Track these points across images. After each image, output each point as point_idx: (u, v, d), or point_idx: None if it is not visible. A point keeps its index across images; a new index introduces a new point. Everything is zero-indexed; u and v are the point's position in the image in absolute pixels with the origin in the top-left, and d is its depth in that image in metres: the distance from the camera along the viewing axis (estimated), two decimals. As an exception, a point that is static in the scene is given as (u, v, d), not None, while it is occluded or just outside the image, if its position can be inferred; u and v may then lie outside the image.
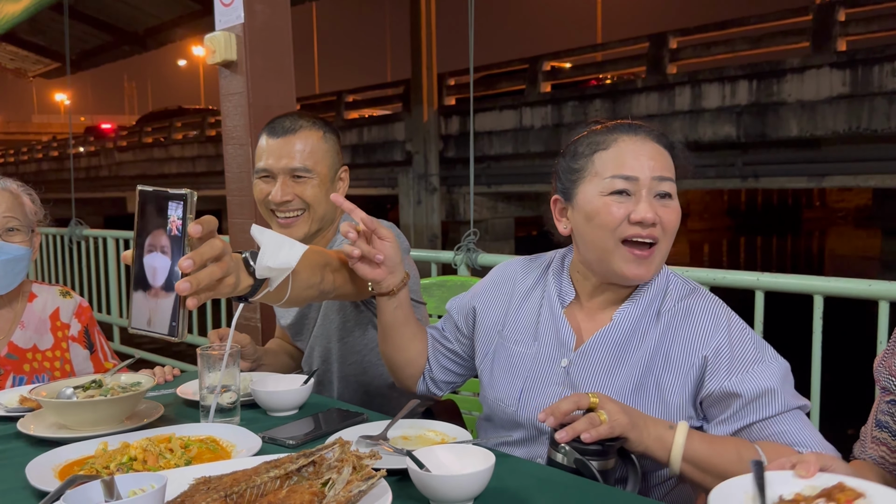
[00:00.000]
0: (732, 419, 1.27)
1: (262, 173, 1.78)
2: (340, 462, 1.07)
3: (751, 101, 10.59)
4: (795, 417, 1.26)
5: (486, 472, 1.07)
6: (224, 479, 1.07)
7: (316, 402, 1.64)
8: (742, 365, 1.27)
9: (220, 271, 1.07)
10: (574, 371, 1.36)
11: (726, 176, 11.31)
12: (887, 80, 9.24)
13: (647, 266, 1.31)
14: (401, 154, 15.58)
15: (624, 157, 1.32)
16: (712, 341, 1.29)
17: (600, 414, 1.17)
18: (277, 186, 1.75)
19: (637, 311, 1.36)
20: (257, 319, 2.58)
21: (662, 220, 1.30)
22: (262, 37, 2.58)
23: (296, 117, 1.81)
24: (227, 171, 2.66)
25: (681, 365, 1.30)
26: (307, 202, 1.77)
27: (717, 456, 1.21)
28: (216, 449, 1.32)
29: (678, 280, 1.41)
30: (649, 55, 12.07)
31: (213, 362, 1.47)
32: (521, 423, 1.40)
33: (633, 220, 1.29)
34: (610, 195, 1.31)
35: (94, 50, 9.19)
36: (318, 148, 1.78)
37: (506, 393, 1.42)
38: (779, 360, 1.29)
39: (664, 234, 1.31)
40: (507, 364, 1.44)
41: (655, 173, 1.31)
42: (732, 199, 28.54)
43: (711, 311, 1.33)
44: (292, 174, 1.76)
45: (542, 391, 1.38)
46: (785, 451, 1.21)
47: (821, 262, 19.72)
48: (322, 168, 1.79)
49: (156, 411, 1.52)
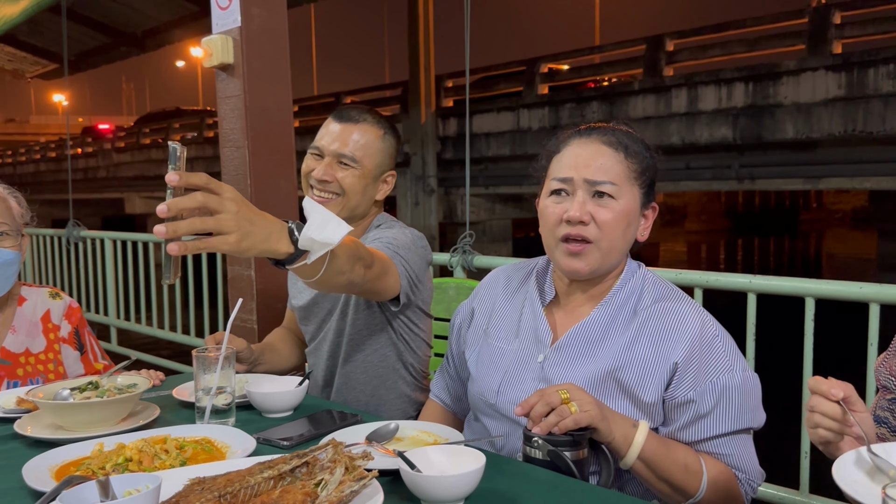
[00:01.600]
0: (687, 429, 1.34)
1: (314, 150, 1.87)
2: (333, 463, 1.08)
3: (747, 104, 10.60)
4: (742, 442, 1.36)
5: (477, 473, 1.09)
6: (218, 480, 1.08)
7: (310, 403, 1.65)
8: (708, 376, 1.32)
9: (202, 224, 1.08)
10: (548, 366, 1.41)
11: (723, 178, 11.32)
12: (882, 82, 9.26)
13: (581, 260, 1.37)
14: (399, 155, 15.49)
15: (566, 161, 1.40)
16: (685, 349, 1.33)
17: (570, 406, 1.22)
18: (322, 165, 1.83)
19: (612, 309, 1.41)
20: (254, 321, 2.59)
21: (597, 219, 1.36)
22: (259, 40, 2.59)
23: (364, 111, 1.89)
24: (224, 173, 2.67)
25: (654, 366, 1.34)
26: (343, 188, 1.83)
27: (668, 460, 1.29)
28: (211, 450, 1.33)
29: (655, 279, 1.45)
30: (646, 57, 12.09)
31: (209, 364, 1.48)
32: (500, 416, 1.45)
33: (564, 219, 1.37)
34: (550, 196, 1.41)
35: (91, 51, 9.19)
36: (372, 144, 1.86)
37: (486, 386, 1.47)
38: (747, 371, 1.35)
39: (601, 232, 1.36)
40: (489, 360, 1.50)
41: (588, 176, 1.36)
42: (730, 200, 28.56)
43: (687, 317, 1.36)
44: (339, 158, 1.83)
45: (519, 385, 1.43)
46: (725, 470, 1.34)
47: (818, 264, 19.75)
48: (369, 163, 1.86)
49: (152, 412, 1.54)
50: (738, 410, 1.33)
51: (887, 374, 1.30)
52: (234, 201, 1.11)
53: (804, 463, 2.37)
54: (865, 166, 9.72)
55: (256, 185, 2.59)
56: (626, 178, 1.38)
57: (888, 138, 9.31)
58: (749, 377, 1.35)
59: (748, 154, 10.82)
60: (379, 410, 1.90)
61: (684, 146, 11.23)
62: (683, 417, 1.34)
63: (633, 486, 1.39)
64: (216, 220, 1.10)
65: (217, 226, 1.10)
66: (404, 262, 1.71)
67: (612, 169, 1.37)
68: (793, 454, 2.42)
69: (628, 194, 1.37)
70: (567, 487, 1.16)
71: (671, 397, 1.34)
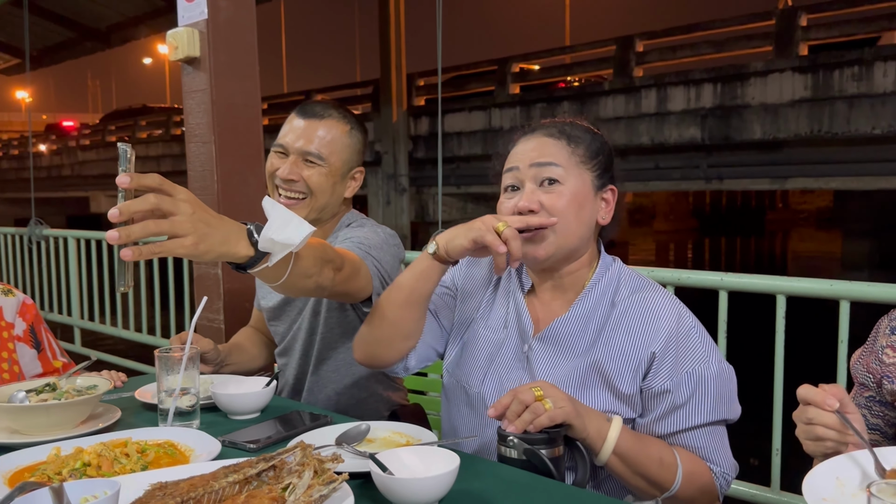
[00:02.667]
0: (663, 420, 1.34)
1: (278, 148, 1.80)
2: (301, 466, 1.05)
3: (715, 104, 10.73)
4: (717, 434, 1.36)
5: (451, 475, 1.06)
6: (181, 485, 1.05)
7: (278, 404, 1.61)
8: (684, 367, 1.33)
9: (156, 228, 1.05)
10: (532, 356, 1.41)
11: (691, 178, 11.46)
12: (847, 84, 9.43)
13: (536, 245, 1.37)
14: (370, 154, 15.51)
15: (512, 157, 1.44)
16: (662, 339, 1.33)
17: (545, 403, 1.21)
18: (288, 164, 1.77)
19: (590, 304, 1.41)
20: (220, 321, 2.53)
21: (546, 205, 1.37)
22: (226, 33, 2.54)
23: (329, 106, 1.83)
24: (190, 169, 2.61)
25: (632, 357, 1.35)
26: (310, 188, 1.77)
27: (643, 454, 1.29)
28: (174, 453, 1.29)
29: (630, 273, 1.46)
30: (616, 58, 12.18)
31: (172, 364, 1.44)
32: (476, 407, 1.44)
33: (516, 211, 1.38)
34: (504, 193, 1.44)
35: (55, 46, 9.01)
36: (338, 140, 1.80)
37: (471, 374, 1.47)
38: (723, 363, 1.36)
39: (553, 218, 1.37)
40: (476, 348, 1.49)
41: (534, 160, 1.39)
42: (697, 200, 28.91)
43: (664, 308, 1.37)
44: (305, 156, 1.77)
45: (505, 375, 1.43)
46: (700, 463, 1.34)
47: (783, 263, 20.07)
48: (336, 160, 1.80)
49: (112, 415, 1.49)
50: (714, 402, 1.34)
51: (864, 370, 1.30)
52: (188, 203, 1.07)
53: (775, 460, 2.38)
54: (830, 167, 9.89)
55: (224, 182, 2.54)
56: (573, 163, 1.40)
57: (853, 139, 9.48)
58: (725, 369, 1.36)
59: (716, 154, 10.95)
60: (352, 410, 1.86)
61: (653, 146, 11.33)
62: (659, 408, 1.34)
63: (609, 483, 1.38)
64: (171, 222, 1.06)
65: (172, 228, 1.06)
66: (376, 262, 1.67)
67: (556, 154, 1.40)
68: (763, 451, 2.43)
69: (576, 178, 1.39)
70: (543, 488, 1.14)
71: (648, 387, 1.34)
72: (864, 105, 9.29)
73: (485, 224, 1.31)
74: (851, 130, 9.43)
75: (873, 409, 1.30)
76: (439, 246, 1.39)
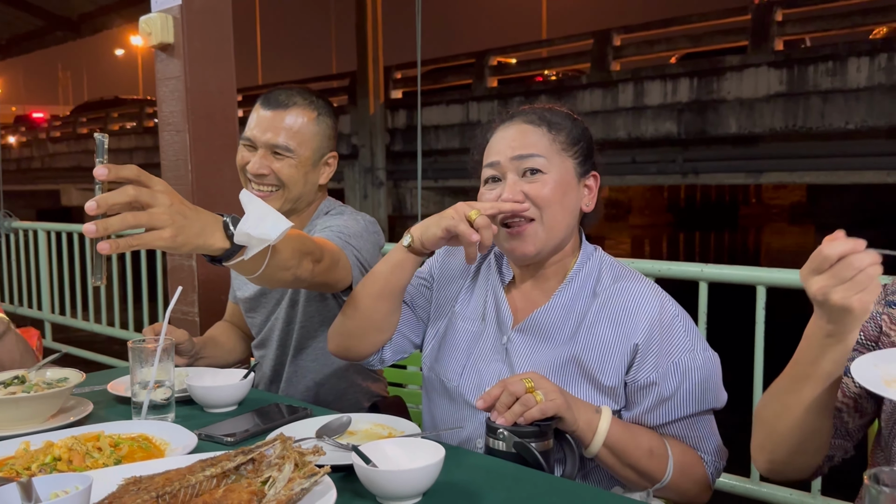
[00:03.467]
0: (651, 413, 1.32)
1: (246, 141, 1.75)
2: (281, 459, 1.02)
3: (691, 99, 10.80)
4: (705, 423, 1.35)
5: (436, 467, 1.03)
6: (156, 479, 1.01)
7: (255, 397, 1.57)
8: (669, 358, 1.31)
9: (135, 220, 1.03)
10: (512, 348, 1.39)
11: (667, 172, 11.53)
12: (822, 79, 9.53)
13: (524, 240, 1.35)
14: (346, 147, 15.43)
15: (493, 147, 1.40)
16: (645, 329, 1.31)
17: (536, 395, 1.18)
18: (257, 158, 1.72)
19: (572, 292, 1.39)
20: (195, 313, 2.48)
21: (531, 196, 1.33)
22: (201, 19, 2.49)
23: (293, 93, 1.76)
24: (163, 158, 2.55)
25: (614, 349, 1.32)
26: (282, 180, 1.73)
27: (633, 445, 1.27)
28: (148, 447, 1.25)
29: (612, 262, 1.44)
30: (594, 52, 12.22)
31: (146, 356, 1.39)
32: (457, 400, 1.41)
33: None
34: (485, 185, 1.40)
35: (24, 35, 8.83)
36: (306, 129, 1.74)
37: (449, 367, 1.44)
38: (707, 351, 1.34)
39: (538, 209, 1.34)
40: (454, 341, 1.46)
41: (515, 152, 1.35)
42: (672, 195, 29.12)
43: (646, 298, 1.34)
44: (273, 150, 1.72)
45: (484, 368, 1.40)
46: (690, 452, 1.33)
47: (757, 257, 20.30)
48: (305, 150, 1.74)
49: (84, 408, 1.44)
50: (701, 392, 1.32)
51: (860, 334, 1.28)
52: (166, 194, 1.05)
53: (755, 451, 2.38)
54: (805, 161, 10.01)
55: (198, 171, 2.49)
56: (555, 151, 1.37)
57: (826, 134, 9.60)
58: (710, 357, 1.34)
59: (692, 149, 11.03)
60: (333, 402, 1.83)
61: (630, 140, 11.39)
62: (646, 401, 1.32)
63: (597, 473, 1.36)
64: (149, 214, 1.03)
65: (150, 220, 1.04)
66: (356, 251, 1.63)
67: (537, 143, 1.36)
68: (743, 442, 2.44)
69: (559, 166, 1.36)
70: (529, 479, 1.12)
71: (633, 380, 1.32)
72: (837, 100, 9.41)
73: (457, 213, 1.29)
74: (825, 125, 9.55)
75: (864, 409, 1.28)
76: (414, 238, 1.36)
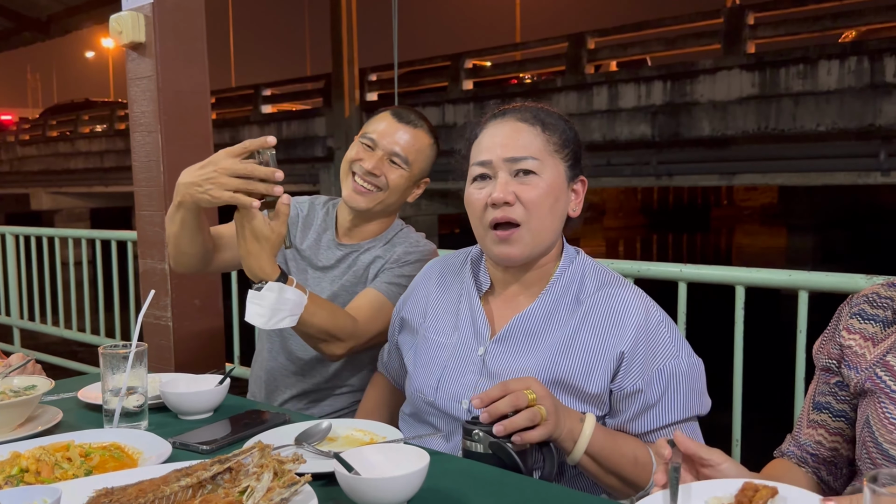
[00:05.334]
0: (636, 420, 1.31)
1: (367, 140, 1.83)
2: (260, 468, 0.98)
3: (665, 102, 10.89)
4: (689, 430, 1.33)
5: (420, 474, 1.00)
6: (129, 490, 0.97)
7: (232, 403, 1.53)
8: (655, 364, 1.29)
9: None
10: (489, 359, 1.35)
11: (642, 174, 11.60)
12: (793, 81, 9.66)
13: (513, 246, 1.32)
14: (322, 150, 15.33)
15: (484, 144, 1.36)
16: (630, 337, 1.29)
17: (540, 409, 1.15)
18: (375, 158, 1.79)
19: (553, 297, 1.36)
20: (168, 318, 2.43)
21: (521, 198, 1.31)
22: (173, 18, 2.43)
23: (421, 117, 1.89)
24: (135, 159, 2.50)
25: (599, 356, 1.30)
26: (388, 185, 1.80)
27: (616, 454, 1.25)
28: (121, 457, 1.21)
29: (595, 266, 1.41)
30: (568, 55, 12.27)
31: (118, 362, 1.35)
32: (440, 413, 1.38)
33: (489, 203, 1.31)
34: (473, 183, 1.36)
35: (-9, 36, 8.65)
36: (423, 151, 1.86)
37: (424, 382, 1.40)
38: (692, 357, 1.33)
39: (527, 212, 1.31)
40: (427, 355, 1.43)
41: (507, 154, 1.32)
42: (646, 197, 29.38)
43: (632, 304, 1.32)
44: (391, 156, 1.81)
45: (459, 380, 1.37)
46: None
47: (728, 258, 20.52)
48: (415, 167, 1.85)
49: (53, 417, 1.39)
50: (686, 398, 1.31)
51: (826, 357, 1.28)
52: None
53: (735, 450, 2.38)
54: (777, 163, 10.13)
55: (170, 173, 2.43)
56: (548, 153, 1.33)
57: (798, 136, 9.72)
58: (694, 363, 1.33)
59: (666, 151, 11.12)
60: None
61: (605, 143, 11.44)
62: (632, 408, 1.30)
63: (580, 482, 1.34)
64: None
65: None
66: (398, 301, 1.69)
67: (531, 144, 1.33)
68: (724, 442, 2.44)
69: (552, 169, 1.33)
70: (515, 484, 1.09)
71: (619, 388, 1.30)
72: (809, 102, 9.54)
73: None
74: (797, 127, 9.67)
75: (838, 395, 1.27)
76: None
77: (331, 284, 1.83)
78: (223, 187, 1.38)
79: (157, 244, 2.43)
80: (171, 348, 2.42)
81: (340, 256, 1.84)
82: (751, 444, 2.44)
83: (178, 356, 2.42)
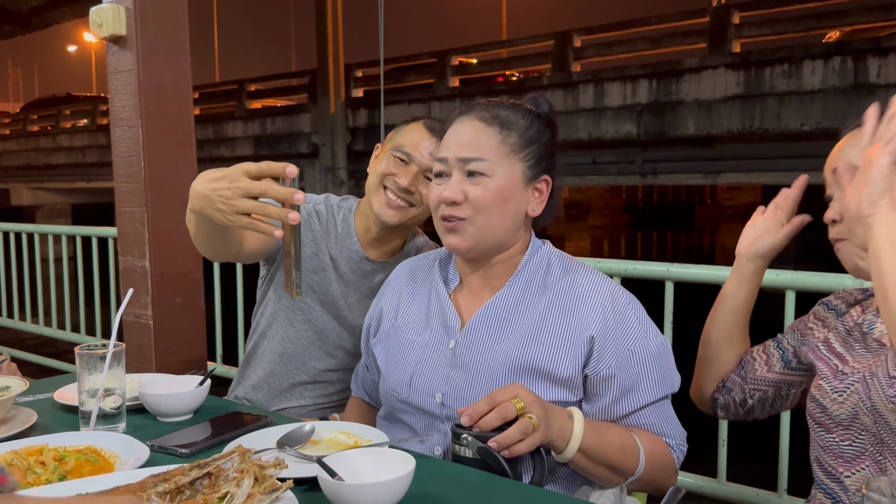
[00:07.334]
0: (615, 405, 1.33)
1: (401, 154, 1.72)
2: (240, 473, 0.96)
3: (651, 100, 10.91)
4: (663, 408, 1.37)
5: (405, 479, 0.98)
6: (104, 496, 0.94)
7: (212, 405, 1.50)
8: (626, 346, 1.31)
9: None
10: (460, 351, 1.36)
11: (627, 173, 11.63)
12: (778, 81, 9.70)
13: (457, 236, 1.34)
14: (307, 146, 15.26)
15: (446, 141, 1.39)
16: (598, 321, 1.31)
17: (531, 419, 1.15)
18: (410, 175, 1.70)
19: (520, 286, 1.37)
20: (148, 316, 2.39)
21: (470, 198, 1.33)
22: (155, 10, 2.39)
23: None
24: (115, 155, 2.45)
25: (568, 340, 1.31)
26: (422, 201, 1.73)
27: (606, 445, 1.26)
28: (97, 460, 1.17)
29: (560, 254, 1.44)
30: (555, 53, 12.27)
31: (95, 362, 1.31)
32: (413, 410, 1.38)
33: (441, 200, 1.35)
34: (434, 179, 1.40)
35: (-30, 28, 8.52)
36: None
37: (397, 381, 1.40)
38: (659, 337, 1.36)
39: (474, 211, 1.33)
40: (399, 353, 1.43)
41: (461, 154, 1.34)
42: (630, 196, 29.53)
43: (597, 288, 1.35)
44: (426, 173, 1.71)
45: (431, 374, 1.37)
46: (657, 440, 1.35)
47: (712, 256, 20.64)
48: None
49: (27, 419, 1.36)
50: (659, 377, 1.34)
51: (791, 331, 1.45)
52: None
53: (721, 451, 2.38)
54: (761, 162, 10.18)
55: (151, 169, 2.39)
56: (503, 154, 1.34)
57: (782, 135, 9.77)
58: (662, 342, 1.36)
59: (651, 150, 11.15)
60: None
61: (591, 141, 11.46)
62: (608, 393, 1.32)
63: (562, 470, 1.34)
64: None
65: None
66: None
67: (484, 145, 1.34)
68: (710, 443, 2.43)
69: (505, 170, 1.33)
70: (502, 489, 1.07)
71: (594, 371, 1.31)
72: (793, 102, 9.59)
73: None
74: (782, 126, 9.72)
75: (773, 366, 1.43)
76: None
77: (346, 287, 1.82)
78: (236, 210, 1.26)
79: (137, 241, 2.39)
80: (152, 347, 2.38)
81: (367, 272, 1.80)
82: (736, 443, 2.44)
83: (159, 355, 2.38)
